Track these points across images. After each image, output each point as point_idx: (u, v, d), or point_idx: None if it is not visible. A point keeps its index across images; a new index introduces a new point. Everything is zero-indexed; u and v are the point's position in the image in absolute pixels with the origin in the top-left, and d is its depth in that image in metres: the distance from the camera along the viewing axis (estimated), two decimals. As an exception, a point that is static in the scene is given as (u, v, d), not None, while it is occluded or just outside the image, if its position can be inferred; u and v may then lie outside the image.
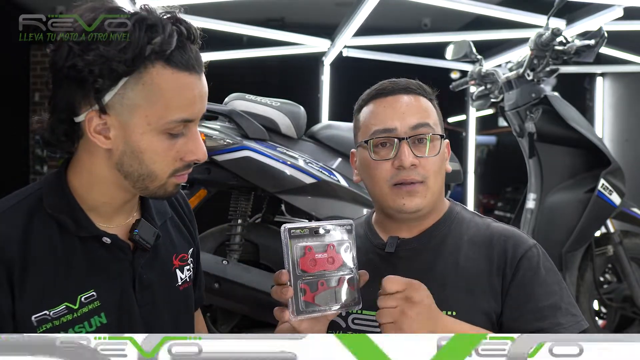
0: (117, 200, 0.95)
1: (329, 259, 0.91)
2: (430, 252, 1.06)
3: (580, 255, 2.46)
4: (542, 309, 0.99)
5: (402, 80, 1.09)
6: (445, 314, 0.98)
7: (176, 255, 1.05)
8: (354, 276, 0.93)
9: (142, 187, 0.92)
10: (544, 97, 2.41)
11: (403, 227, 1.09)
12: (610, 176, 2.38)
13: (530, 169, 2.59)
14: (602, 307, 2.72)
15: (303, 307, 0.89)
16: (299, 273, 0.89)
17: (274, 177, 2.01)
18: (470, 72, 2.69)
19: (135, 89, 0.85)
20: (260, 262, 2.20)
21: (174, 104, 0.86)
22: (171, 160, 0.90)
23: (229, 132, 2.01)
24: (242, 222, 2.16)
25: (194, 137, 0.91)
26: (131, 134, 0.87)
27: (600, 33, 2.23)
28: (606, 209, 2.39)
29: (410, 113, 1.04)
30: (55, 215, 0.91)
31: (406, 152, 1.01)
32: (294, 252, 0.89)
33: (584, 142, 2.41)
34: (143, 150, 0.88)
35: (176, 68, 0.86)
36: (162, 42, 0.84)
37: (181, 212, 1.12)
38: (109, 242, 0.93)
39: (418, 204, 1.02)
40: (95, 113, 0.87)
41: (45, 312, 0.87)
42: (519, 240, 1.04)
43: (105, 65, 0.83)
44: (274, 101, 2.11)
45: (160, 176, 0.90)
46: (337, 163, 2.16)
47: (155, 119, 0.86)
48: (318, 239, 0.91)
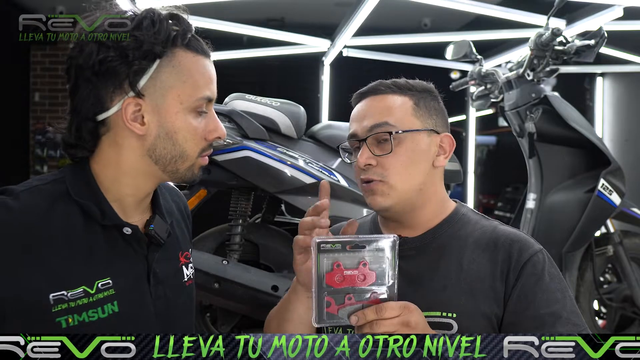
0: (142, 191, 0.99)
1: (359, 275, 0.87)
2: (433, 252, 1.05)
3: (580, 255, 2.46)
4: (542, 316, 0.97)
5: (377, 82, 1.10)
6: (446, 316, 0.98)
7: (182, 253, 1.09)
8: (387, 296, 0.88)
9: (173, 169, 0.97)
10: (544, 97, 2.41)
11: (404, 226, 1.08)
12: (610, 176, 2.38)
13: (530, 169, 2.58)
14: (602, 307, 2.72)
15: (325, 318, 0.88)
16: (324, 286, 0.87)
17: (274, 177, 2.01)
18: (470, 72, 2.69)
19: (166, 71, 0.93)
20: (260, 262, 2.20)
21: (200, 82, 0.95)
22: (199, 139, 0.97)
23: (229, 132, 2.01)
24: (242, 222, 2.16)
25: (214, 117, 0.99)
26: (166, 115, 0.93)
27: (600, 33, 2.23)
28: (606, 209, 2.39)
29: (369, 115, 1.06)
30: (81, 201, 0.93)
31: (362, 153, 1.05)
32: (321, 266, 0.86)
33: (584, 142, 2.41)
34: (177, 130, 0.94)
35: (195, 52, 0.96)
36: (185, 28, 0.94)
37: (184, 214, 1.16)
38: (129, 233, 0.96)
39: (380, 202, 1.04)
40: (131, 100, 0.92)
41: (63, 292, 0.89)
42: (525, 245, 1.02)
43: (139, 49, 0.90)
44: (274, 101, 2.11)
45: (191, 155, 0.97)
46: (337, 163, 2.16)
47: (187, 98, 0.94)
48: (350, 254, 0.87)
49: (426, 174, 1.06)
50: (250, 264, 2.13)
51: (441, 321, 0.99)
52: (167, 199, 1.12)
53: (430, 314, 1.00)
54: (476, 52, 2.61)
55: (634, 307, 2.60)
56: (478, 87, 2.70)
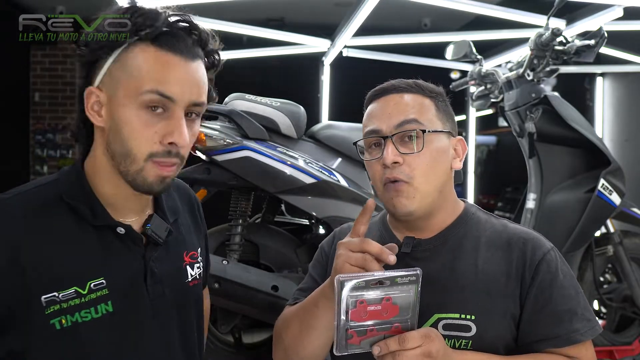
0: (123, 189, 0.96)
1: (382, 310, 0.88)
2: (447, 253, 1.05)
3: (580, 255, 2.46)
4: (560, 314, 0.99)
5: (398, 80, 1.09)
6: (464, 317, 0.98)
7: (187, 252, 1.07)
8: (409, 325, 0.89)
9: (125, 170, 0.92)
10: (544, 97, 2.41)
11: (417, 228, 1.08)
12: (610, 176, 2.38)
13: (530, 169, 2.58)
14: (602, 307, 2.72)
15: (347, 348, 0.88)
16: (348, 321, 0.87)
17: (274, 177, 2.00)
18: (470, 72, 2.69)
19: (120, 64, 0.90)
20: (260, 262, 2.20)
21: (149, 76, 0.89)
22: (149, 139, 0.90)
23: (229, 132, 2.01)
24: (242, 222, 2.16)
25: (177, 122, 0.90)
26: (115, 107, 0.90)
27: (600, 33, 2.23)
28: (606, 209, 2.39)
29: (397, 111, 1.04)
30: (73, 203, 0.93)
31: (389, 150, 1.01)
32: (345, 304, 0.86)
33: (584, 142, 2.41)
34: (122, 124, 0.90)
35: (159, 48, 0.90)
36: (142, 23, 0.89)
37: (195, 213, 1.16)
38: (122, 233, 0.95)
39: (405, 204, 1.02)
40: (93, 90, 0.92)
41: (55, 293, 0.88)
42: (538, 244, 1.03)
43: (99, 41, 0.90)
44: (274, 101, 2.11)
45: (138, 156, 0.90)
46: (337, 163, 2.16)
47: (133, 91, 0.89)
48: (373, 291, 0.87)
49: (447, 177, 1.06)
50: (250, 264, 2.13)
51: (459, 323, 0.99)
52: (173, 198, 1.10)
53: (449, 316, 1.00)
54: (476, 52, 2.61)
55: (634, 307, 2.60)
56: (478, 87, 2.70)
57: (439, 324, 1.00)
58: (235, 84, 2.08)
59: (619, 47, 3.93)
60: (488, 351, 0.98)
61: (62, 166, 5.35)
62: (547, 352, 1.00)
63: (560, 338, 0.98)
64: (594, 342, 1.03)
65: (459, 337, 0.99)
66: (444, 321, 1.00)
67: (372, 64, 4.10)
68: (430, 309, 1.00)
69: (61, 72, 5.43)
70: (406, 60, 4.14)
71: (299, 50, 4.00)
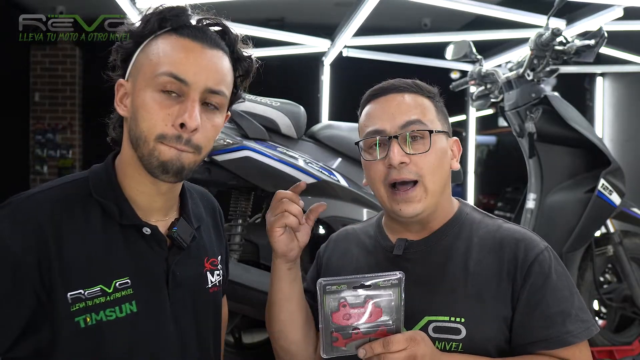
0: (146, 188, 0.96)
1: (366, 312, 0.89)
2: (439, 255, 1.05)
3: (580, 255, 2.46)
4: (552, 316, 0.98)
5: (397, 80, 1.08)
6: (454, 320, 0.98)
7: (208, 259, 1.07)
8: (394, 328, 0.90)
9: (140, 155, 0.92)
10: (544, 97, 2.41)
11: (411, 229, 1.07)
12: (610, 176, 2.38)
13: (530, 169, 2.58)
14: (602, 307, 2.72)
15: (333, 351, 0.90)
16: (331, 324, 0.88)
17: (274, 177, 2.00)
18: (470, 72, 2.69)
19: (144, 54, 0.93)
20: (260, 262, 2.20)
21: (165, 59, 0.90)
22: (160, 120, 0.89)
23: (229, 132, 2.01)
24: (242, 222, 2.16)
25: (190, 106, 0.90)
26: (136, 94, 0.92)
27: (600, 33, 2.23)
28: (606, 209, 2.39)
29: (401, 112, 1.03)
30: (101, 200, 0.93)
31: (395, 150, 1.00)
32: (328, 306, 0.88)
33: (584, 142, 2.41)
34: (138, 107, 0.91)
35: (181, 35, 0.92)
36: (175, 14, 0.93)
37: (217, 220, 1.16)
38: (148, 233, 0.95)
39: (416, 209, 1.01)
40: (121, 82, 0.95)
41: (81, 290, 0.88)
42: (530, 244, 1.02)
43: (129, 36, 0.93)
44: (274, 101, 2.11)
45: (148, 137, 0.90)
46: (337, 163, 2.16)
47: (149, 74, 0.90)
48: (356, 293, 0.88)
49: (448, 177, 1.06)
50: (250, 264, 2.13)
51: (449, 326, 0.99)
52: (197, 204, 1.11)
53: (439, 319, 0.99)
54: (476, 52, 2.61)
55: (634, 307, 2.60)
56: (478, 87, 2.70)
57: (429, 327, 0.99)
58: (235, 84, 2.07)
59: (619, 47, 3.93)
60: (479, 353, 0.97)
61: (62, 166, 5.35)
62: (540, 354, 0.99)
63: (552, 340, 0.97)
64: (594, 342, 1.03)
65: (449, 339, 0.98)
66: (434, 324, 1.00)
67: (372, 64, 4.10)
68: (421, 311, 1.00)
69: (61, 72, 5.43)
70: (406, 60, 4.14)
71: (299, 50, 4.00)
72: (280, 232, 1.01)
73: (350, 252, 1.15)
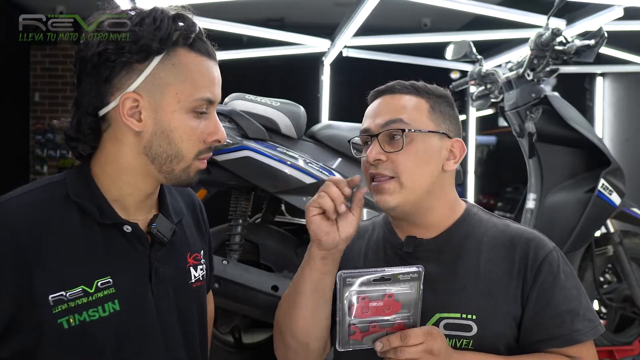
0: (141, 191, 0.98)
1: (385, 307, 0.89)
2: (449, 253, 1.05)
3: (580, 255, 2.46)
4: (561, 314, 0.99)
5: (397, 82, 1.10)
6: (466, 317, 0.99)
7: (190, 254, 1.08)
8: (411, 322, 0.90)
9: (169, 170, 0.96)
10: (544, 97, 2.41)
11: (418, 227, 1.08)
12: (610, 176, 2.38)
13: (530, 169, 2.58)
14: (602, 307, 2.72)
15: (350, 343, 0.89)
16: (350, 317, 0.88)
17: (274, 177, 2.01)
18: (470, 72, 2.69)
19: (165, 69, 0.93)
20: (260, 262, 2.20)
21: (200, 83, 0.94)
22: (197, 140, 0.95)
23: (229, 132, 2.01)
24: (242, 222, 2.16)
25: (215, 120, 0.98)
26: (162, 113, 0.93)
27: (600, 33, 2.23)
28: (606, 209, 2.39)
29: (385, 111, 1.06)
30: (79, 201, 0.93)
31: (372, 147, 1.04)
32: (347, 299, 0.87)
33: (584, 142, 2.41)
34: (173, 129, 0.93)
35: (198, 52, 0.95)
36: (188, 28, 0.94)
37: (197, 215, 1.17)
38: (129, 231, 0.96)
39: (388, 200, 1.02)
40: (129, 95, 0.92)
41: (62, 292, 0.89)
42: (540, 244, 1.03)
43: (136, 43, 0.90)
44: (274, 101, 2.11)
45: (187, 156, 0.95)
46: (337, 163, 2.16)
47: (185, 97, 0.93)
48: (375, 287, 0.88)
49: (435, 177, 1.06)
50: (250, 264, 2.13)
51: (460, 322, 1.00)
52: (176, 199, 1.11)
53: (450, 315, 1.00)
54: (476, 52, 2.61)
55: (634, 307, 2.60)
56: (478, 87, 2.70)
57: (441, 324, 1.00)
58: (235, 84, 2.07)
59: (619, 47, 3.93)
60: (489, 351, 0.98)
61: (62, 166, 5.35)
62: (548, 352, 1.00)
63: (562, 338, 0.99)
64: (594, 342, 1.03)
65: (460, 336, 0.99)
66: (445, 321, 1.00)
67: (372, 64, 4.09)
68: (432, 308, 1.00)
69: (61, 72, 5.43)
70: (406, 60, 4.13)
71: (299, 50, 3.99)
72: (313, 212, 0.99)
73: (358, 247, 1.15)
